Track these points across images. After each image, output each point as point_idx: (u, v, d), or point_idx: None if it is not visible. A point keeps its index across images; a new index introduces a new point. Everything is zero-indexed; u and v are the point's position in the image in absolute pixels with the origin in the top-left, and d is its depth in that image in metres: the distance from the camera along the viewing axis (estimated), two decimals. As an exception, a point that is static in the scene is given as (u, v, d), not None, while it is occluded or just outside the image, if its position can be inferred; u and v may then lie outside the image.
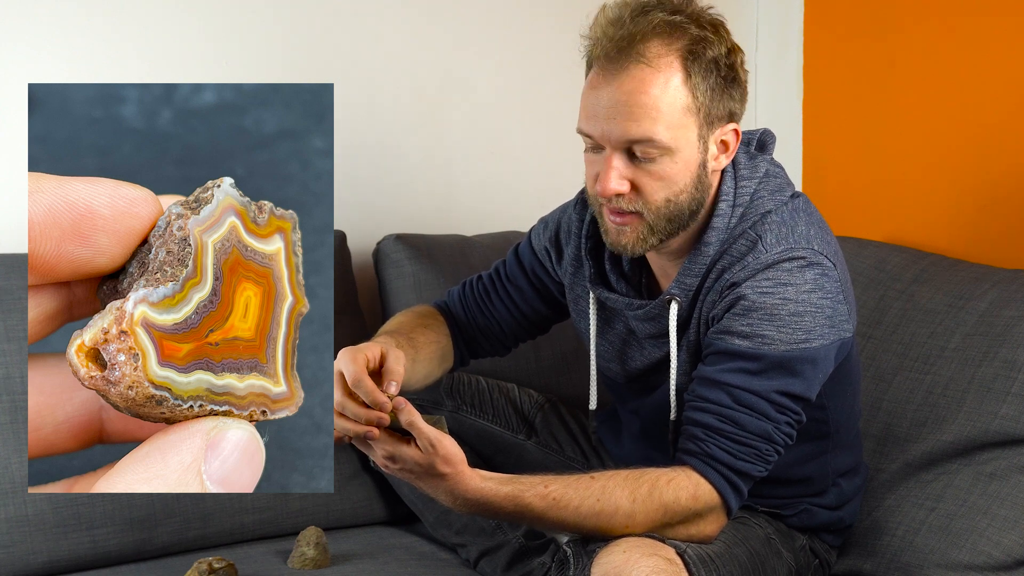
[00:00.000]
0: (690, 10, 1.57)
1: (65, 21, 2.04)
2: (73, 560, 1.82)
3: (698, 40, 1.54)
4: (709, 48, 1.55)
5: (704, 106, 1.55)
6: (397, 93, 2.32)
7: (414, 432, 1.47)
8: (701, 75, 1.54)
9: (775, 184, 1.65)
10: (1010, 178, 2.13)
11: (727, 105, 1.58)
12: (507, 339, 1.90)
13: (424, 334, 1.81)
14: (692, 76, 1.54)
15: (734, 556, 1.60)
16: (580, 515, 1.53)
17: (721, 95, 1.57)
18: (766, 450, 1.58)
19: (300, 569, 1.79)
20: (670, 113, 1.54)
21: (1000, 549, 1.75)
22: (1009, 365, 1.84)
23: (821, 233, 1.64)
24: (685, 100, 1.54)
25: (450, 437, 1.48)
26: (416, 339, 1.77)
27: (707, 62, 1.55)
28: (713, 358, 1.60)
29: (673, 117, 1.54)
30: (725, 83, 1.57)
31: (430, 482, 1.51)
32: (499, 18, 2.41)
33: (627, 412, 1.84)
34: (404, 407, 1.46)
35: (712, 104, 1.56)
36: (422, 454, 1.48)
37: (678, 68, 1.54)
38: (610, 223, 1.61)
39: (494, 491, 1.51)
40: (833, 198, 2.45)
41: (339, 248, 2.15)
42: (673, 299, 1.64)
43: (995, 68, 2.15)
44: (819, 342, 1.58)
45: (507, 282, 1.88)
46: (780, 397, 1.57)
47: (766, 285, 1.57)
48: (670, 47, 1.54)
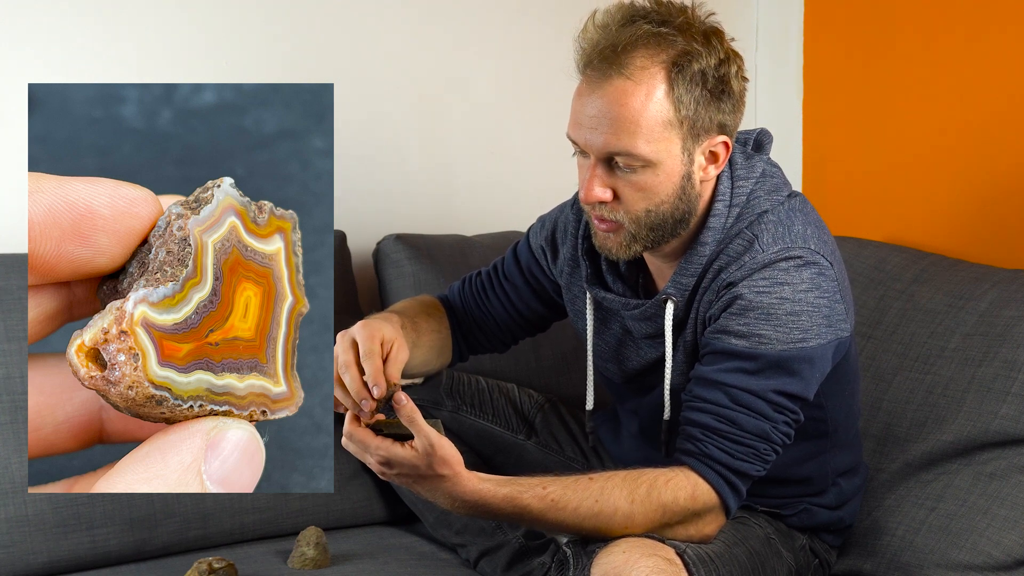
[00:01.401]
0: (680, 20, 1.55)
1: (65, 21, 2.04)
2: (73, 560, 1.82)
3: (684, 52, 1.53)
4: (696, 60, 1.53)
5: (688, 119, 1.54)
6: (397, 93, 2.32)
7: (414, 429, 1.46)
8: (685, 87, 1.53)
9: (772, 184, 1.65)
10: (1010, 178, 2.13)
11: (715, 117, 1.56)
12: (504, 336, 1.90)
13: (427, 321, 1.81)
14: (676, 88, 1.53)
15: (734, 556, 1.60)
16: (579, 516, 1.53)
17: (707, 107, 1.55)
18: (764, 449, 1.58)
19: (300, 569, 1.79)
20: (651, 127, 1.53)
21: (1000, 549, 1.75)
22: (1009, 365, 1.84)
23: (818, 232, 1.64)
24: (667, 113, 1.53)
25: (448, 439, 1.48)
26: (419, 325, 1.78)
27: (693, 74, 1.53)
28: (710, 358, 1.60)
29: (654, 131, 1.53)
30: (712, 95, 1.55)
31: (428, 484, 1.50)
32: (499, 18, 2.41)
33: (625, 412, 1.84)
34: (405, 403, 1.46)
35: (697, 117, 1.55)
36: (419, 456, 1.47)
37: (661, 81, 1.53)
38: (596, 228, 1.62)
39: (492, 492, 1.51)
40: (833, 198, 2.45)
41: (339, 248, 2.15)
42: (669, 299, 1.64)
43: (995, 68, 2.15)
44: (816, 341, 1.58)
45: (504, 279, 1.88)
46: (777, 396, 1.57)
47: (763, 284, 1.57)
48: (654, 59, 1.53)
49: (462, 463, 1.49)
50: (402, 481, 1.51)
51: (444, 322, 1.87)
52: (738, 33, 2.55)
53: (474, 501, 1.51)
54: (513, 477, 1.54)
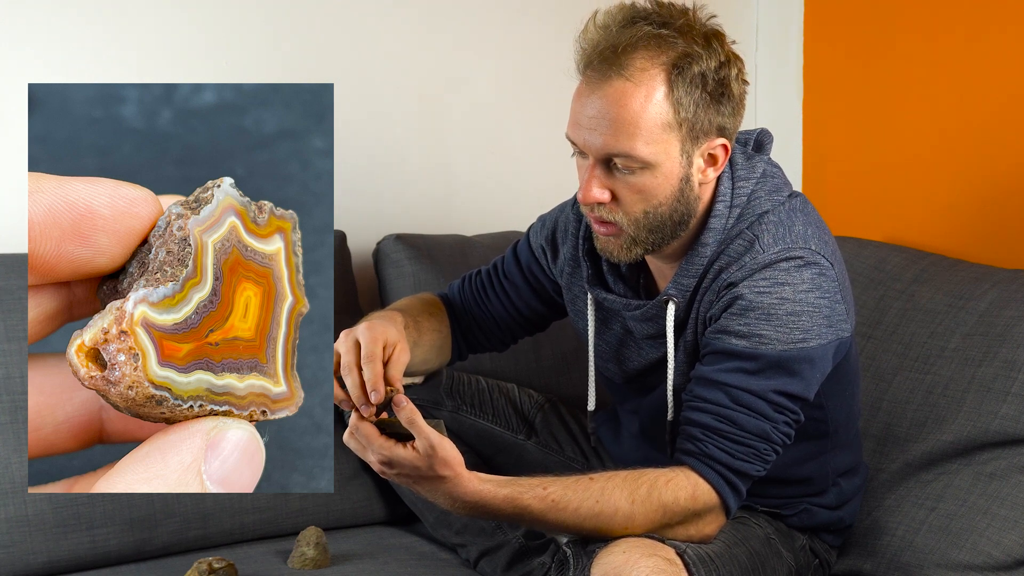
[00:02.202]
0: (681, 22, 1.55)
1: (65, 21, 2.04)
2: (73, 560, 1.82)
3: (684, 55, 1.53)
4: (696, 63, 1.53)
5: (688, 121, 1.54)
6: (397, 93, 2.32)
7: (414, 431, 1.46)
8: (685, 90, 1.53)
9: (772, 184, 1.65)
10: (1010, 178, 2.13)
11: (714, 120, 1.56)
12: (503, 335, 1.90)
13: (428, 320, 1.81)
14: (675, 90, 1.53)
15: (734, 556, 1.60)
16: (579, 516, 1.53)
17: (707, 110, 1.55)
18: (764, 449, 1.58)
19: (300, 569, 1.79)
20: (650, 129, 1.53)
21: (1000, 549, 1.75)
22: (1009, 365, 1.84)
23: (819, 233, 1.64)
24: (667, 116, 1.53)
25: (449, 440, 1.48)
26: (421, 323, 1.78)
27: (693, 77, 1.53)
28: (711, 358, 1.60)
29: (653, 132, 1.53)
30: (712, 98, 1.55)
31: (428, 485, 1.50)
32: (499, 18, 2.41)
33: (626, 412, 1.84)
34: (405, 404, 1.45)
35: (697, 119, 1.55)
36: (420, 457, 1.47)
37: (661, 82, 1.53)
38: (597, 231, 1.62)
39: (492, 493, 1.51)
40: (833, 198, 2.45)
41: (339, 248, 2.15)
42: (670, 300, 1.64)
43: (995, 68, 2.15)
44: (817, 341, 1.58)
45: (504, 278, 1.88)
46: (778, 397, 1.57)
47: (763, 285, 1.57)
48: (654, 61, 1.53)
49: (463, 464, 1.49)
50: (402, 481, 1.51)
51: (444, 320, 1.87)
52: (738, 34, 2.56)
53: (474, 502, 1.51)
54: (513, 478, 1.54)
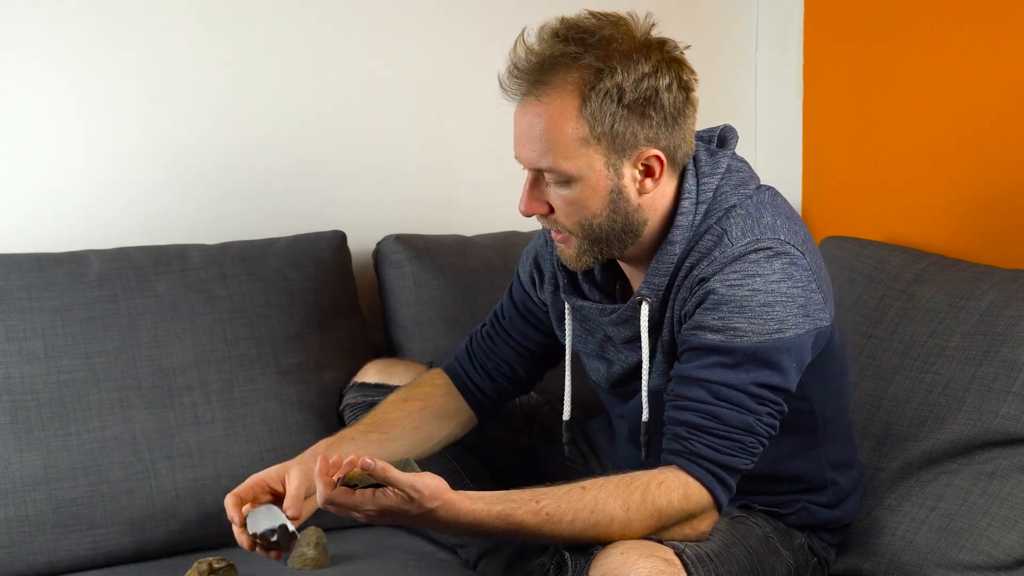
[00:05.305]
0: (601, 35, 1.55)
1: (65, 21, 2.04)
2: (73, 560, 1.82)
3: (597, 70, 1.53)
4: (609, 77, 1.53)
5: (606, 135, 1.55)
6: (397, 93, 2.32)
7: (391, 483, 1.43)
8: (599, 104, 1.54)
9: (738, 179, 1.65)
10: (1009, 178, 2.13)
11: (639, 132, 1.56)
12: (521, 377, 1.88)
13: (398, 409, 1.79)
14: (589, 105, 1.54)
15: (732, 555, 1.60)
16: (575, 528, 1.52)
17: (628, 122, 1.55)
18: (750, 443, 1.58)
19: (300, 569, 1.79)
20: (566, 145, 1.55)
21: (1000, 549, 1.75)
22: (1009, 365, 1.84)
23: (788, 223, 1.63)
24: (581, 131, 1.55)
25: (426, 473, 1.46)
26: (384, 422, 1.77)
27: (607, 91, 1.54)
28: (689, 355, 1.60)
29: (570, 148, 1.55)
30: (631, 111, 1.55)
31: (421, 520, 1.48)
32: (499, 18, 2.40)
33: (616, 418, 1.84)
34: (374, 466, 1.41)
35: (616, 132, 1.55)
36: (405, 501, 1.45)
37: (574, 99, 1.54)
38: (553, 238, 1.66)
39: (485, 511, 1.49)
40: (833, 198, 2.45)
41: (339, 248, 2.15)
42: (643, 300, 1.64)
43: (995, 68, 2.15)
44: (793, 332, 1.58)
45: (505, 321, 1.87)
46: (759, 389, 1.56)
47: (734, 278, 1.57)
48: (565, 78, 1.55)
49: (448, 488, 1.47)
50: (395, 522, 1.49)
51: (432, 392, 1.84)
52: (738, 33, 2.57)
53: (469, 522, 1.49)
54: (505, 492, 1.52)
